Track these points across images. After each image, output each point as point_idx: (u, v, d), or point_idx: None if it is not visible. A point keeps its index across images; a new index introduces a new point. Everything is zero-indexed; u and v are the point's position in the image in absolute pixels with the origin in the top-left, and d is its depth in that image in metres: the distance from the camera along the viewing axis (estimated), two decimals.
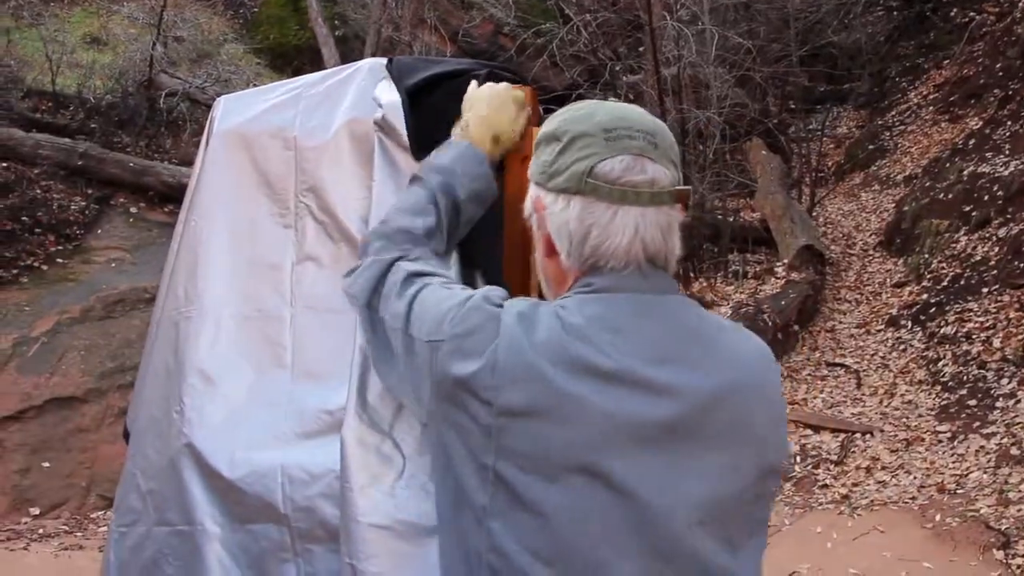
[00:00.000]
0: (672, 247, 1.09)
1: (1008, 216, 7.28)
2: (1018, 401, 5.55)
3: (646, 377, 1.01)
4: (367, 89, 1.76)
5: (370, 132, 1.75)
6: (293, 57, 11.84)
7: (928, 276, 7.59)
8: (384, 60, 1.81)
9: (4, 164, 7.69)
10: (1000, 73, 9.82)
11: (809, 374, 6.90)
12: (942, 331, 6.69)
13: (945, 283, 7.25)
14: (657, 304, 1.07)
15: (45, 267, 7.22)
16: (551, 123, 1.16)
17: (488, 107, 1.45)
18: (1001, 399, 5.65)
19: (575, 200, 1.07)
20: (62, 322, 6.72)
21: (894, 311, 7.50)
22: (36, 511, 5.71)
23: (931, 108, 10.92)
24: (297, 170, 1.89)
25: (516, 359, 1.01)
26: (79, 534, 5.48)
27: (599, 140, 1.08)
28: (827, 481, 5.42)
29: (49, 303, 6.85)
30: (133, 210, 8.10)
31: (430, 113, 1.64)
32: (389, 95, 1.70)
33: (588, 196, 1.07)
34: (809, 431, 6.01)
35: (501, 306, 1.07)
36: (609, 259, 1.07)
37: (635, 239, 1.06)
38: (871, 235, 9.32)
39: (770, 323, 6.92)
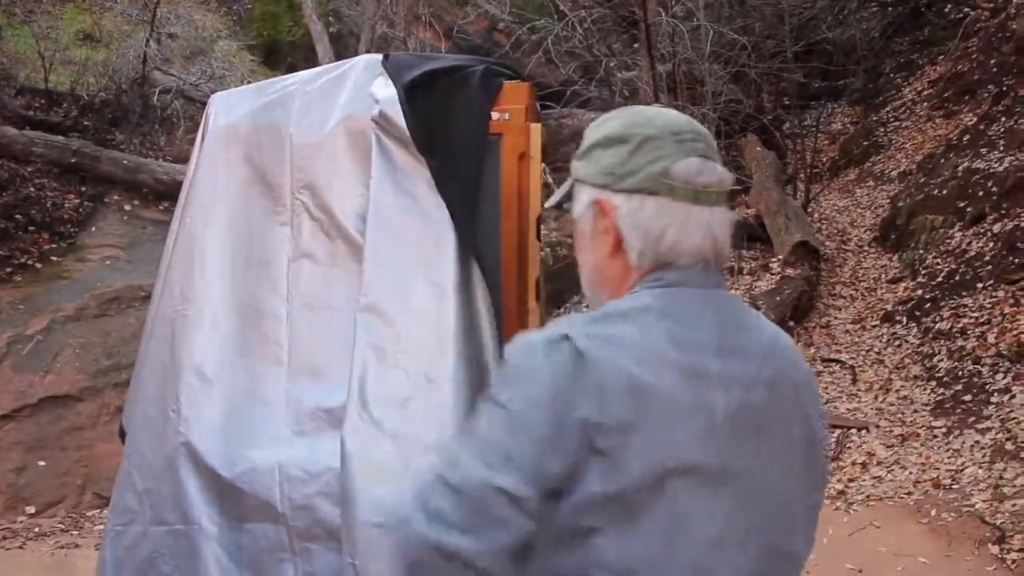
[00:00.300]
0: (729, 244, 1.16)
1: (1002, 212, 7.30)
2: (1013, 396, 5.56)
3: (723, 369, 1.06)
4: (363, 86, 1.75)
5: (366, 129, 1.74)
6: (287, 54, 11.81)
7: (923, 272, 7.60)
8: (379, 56, 1.80)
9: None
10: (994, 69, 9.83)
11: None
12: (937, 327, 6.70)
13: (940, 279, 7.26)
14: (716, 299, 1.13)
15: (39, 265, 7.20)
16: (607, 128, 1.17)
17: None
18: (996, 394, 5.66)
19: (650, 200, 1.11)
20: (57, 320, 6.70)
21: (889, 307, 7.51)
22: (32, 510, 5.69)
23: (926, 104, 10.93)
24: (293, 167, 1.88)
25: (613, 377, 1.01)
26: (75, 532, 5.47)
27: (669, 142, 1.12)
28: None
29: (43, 301, 6.82)
30: (127, 208, 8.07)
31: (428, 108, 1.63)
32: (386, 91, 1.70)
33: (664, 196, 1.10)
34: None
35: (567, 337, 1.04)
36: (682, 256, 1.11)
37: (707, 237, 1.11)
38: (866, 231, 9.33)
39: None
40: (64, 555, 5.09)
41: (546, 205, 1.28)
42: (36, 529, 5.46)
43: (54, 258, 7.31)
